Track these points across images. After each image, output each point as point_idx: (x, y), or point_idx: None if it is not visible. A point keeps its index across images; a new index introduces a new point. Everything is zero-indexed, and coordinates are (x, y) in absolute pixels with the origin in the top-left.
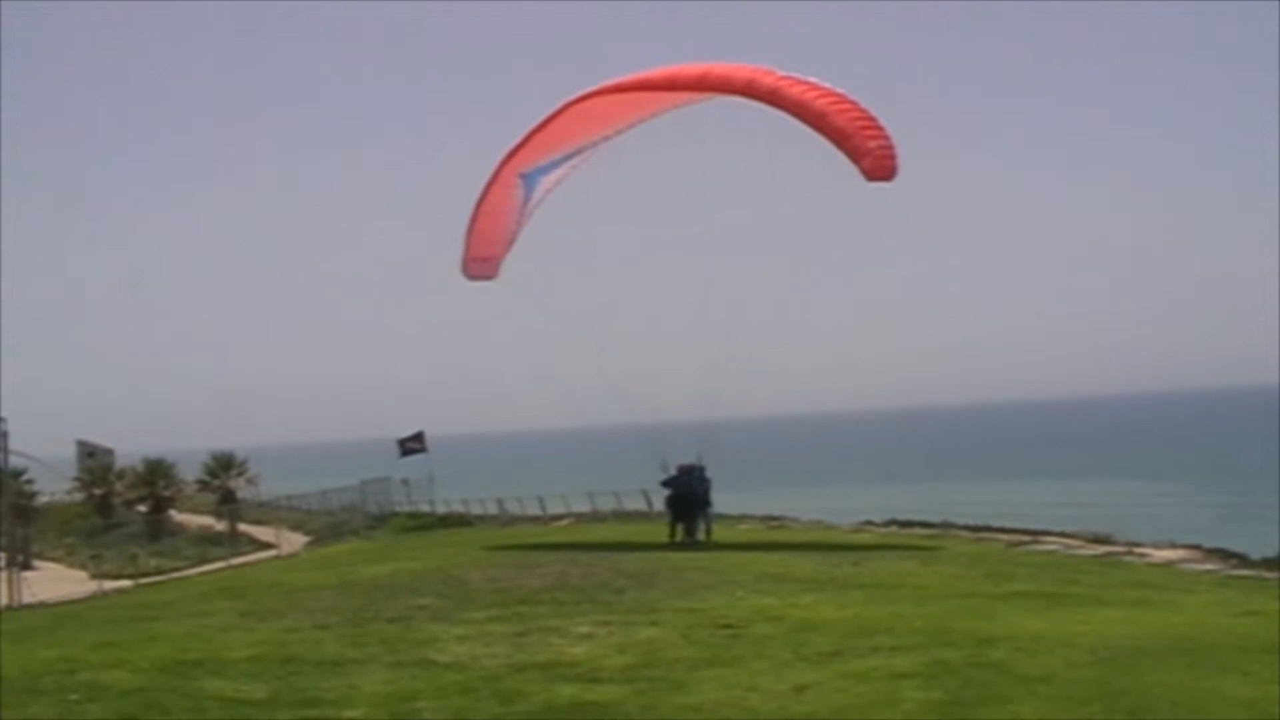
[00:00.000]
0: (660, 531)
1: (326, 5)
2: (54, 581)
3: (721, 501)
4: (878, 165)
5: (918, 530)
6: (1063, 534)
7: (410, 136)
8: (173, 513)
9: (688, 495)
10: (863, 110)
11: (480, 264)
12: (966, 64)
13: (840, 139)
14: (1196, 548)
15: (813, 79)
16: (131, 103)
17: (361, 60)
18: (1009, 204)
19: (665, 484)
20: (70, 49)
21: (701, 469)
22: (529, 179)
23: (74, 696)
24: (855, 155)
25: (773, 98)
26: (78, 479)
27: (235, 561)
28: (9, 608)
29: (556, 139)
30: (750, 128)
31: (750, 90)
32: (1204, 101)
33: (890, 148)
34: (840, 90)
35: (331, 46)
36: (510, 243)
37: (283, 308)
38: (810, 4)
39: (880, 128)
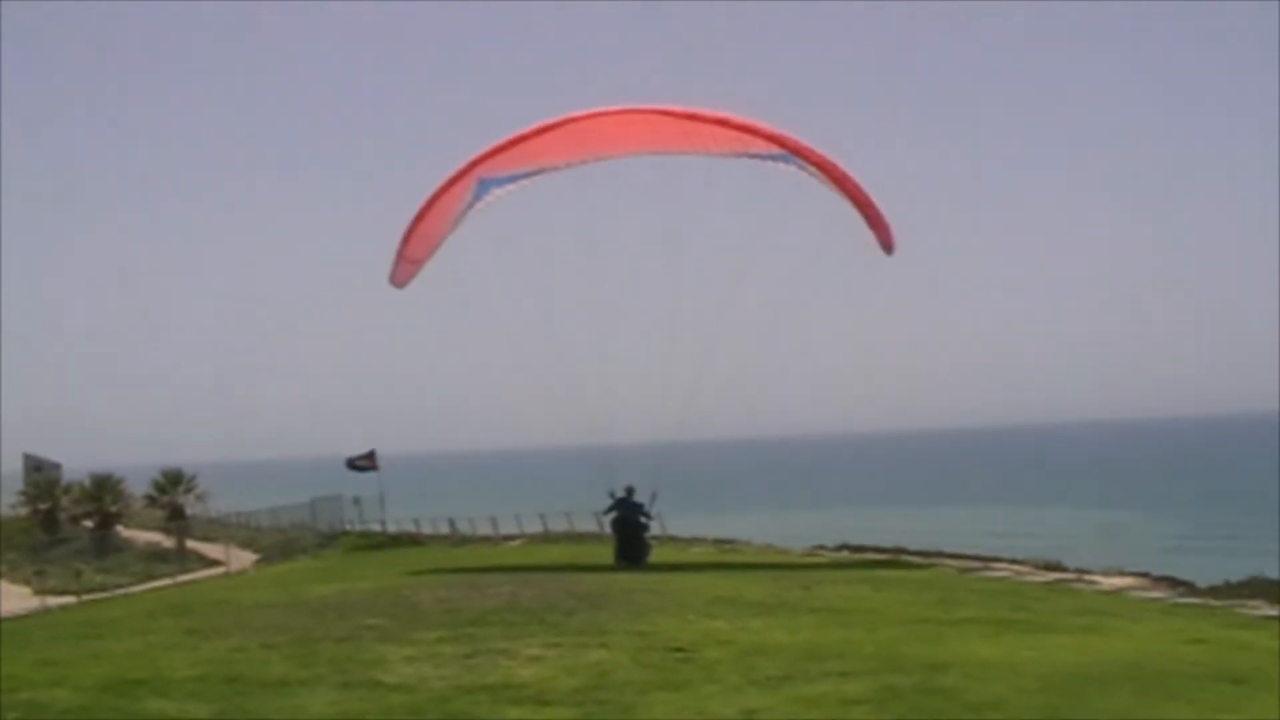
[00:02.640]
0: (611, 553)
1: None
2: None
3: (674, 524)
4: (889, 240)
5: (869, 554)
6: (1013, 560)
7: (362, 159)
8: (120, 529)
9: (622, 520)
10: (864, 188)
11: (409, 265)
12: (970, 82)
13: (859, 207)
14: (1145, 575)
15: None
16: (43, 121)
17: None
18: (995, 229)
19: (609, 510)
20: (61, 47)
21: (630, 494)
22: (484, 185)
23: (12, 716)
24: (872, 226)
25: (798, 155)
26: (23, 493)
27: (182, 579)
28: None
29: (527, 154)
30: (736, 174)
31: (774, 142)
32: (1210, 126)
33: (889, 226)
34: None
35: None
36: (437, 247)
37: (237, 324)
38: (804, 6)
39: (878, 208)
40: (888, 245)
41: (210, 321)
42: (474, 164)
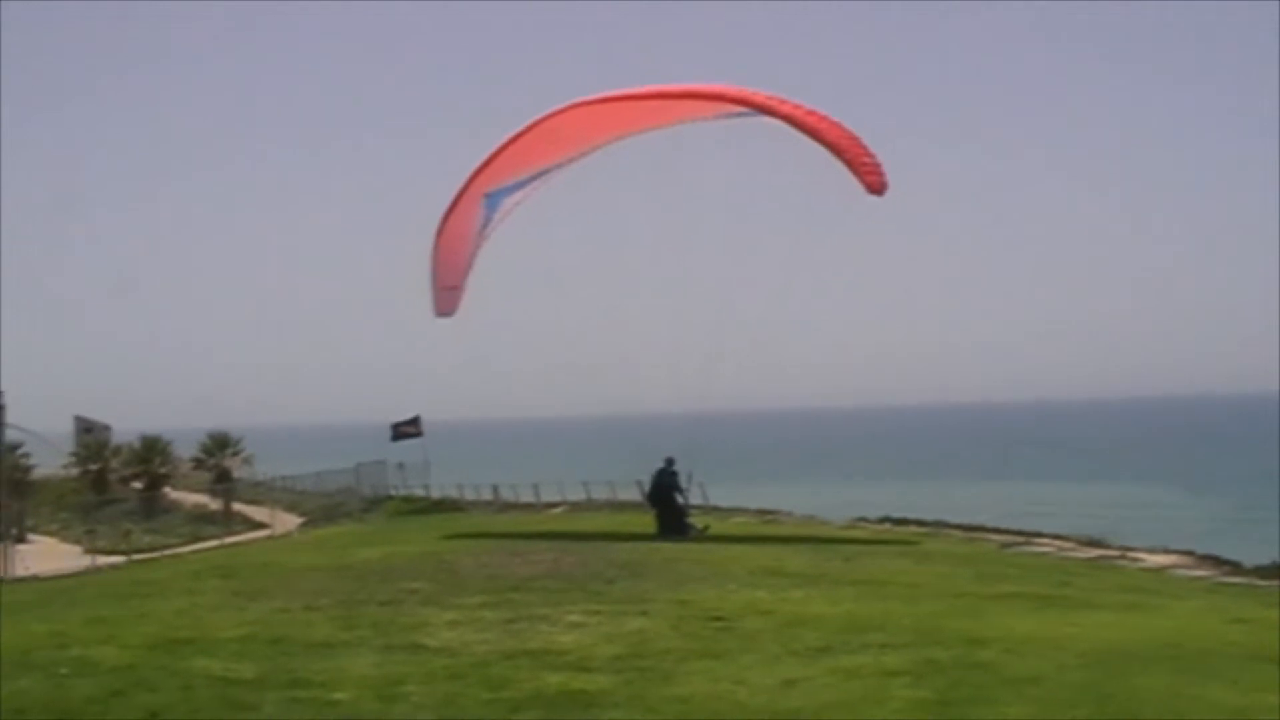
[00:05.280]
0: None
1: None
2: (48, 556)
3: (715, 495)
4: (875, 182)
5: (911, 528)
6: (1056, 536)
7: (410, 122)
8: (168, 490)
9: (656, 491)
10: (846, 129)
11: (446, 295)
12: (971, 61)
13: (836, 152)
14: (1189, 554)
15: (786, 98)
16: (139, 88)
17: (358, 49)
18: (1013, 204)
19: (652, 482)
20: (61, 41)
21: (670, 464)
22: (492, 199)
23: (64, 671)
24: (853, 170)
25: (764, 111)
26: (74, 454)
27: (228, 541)
28: (2, 581)
29: (525, 157)
30: (732, 142)
31: (741, 103)
32: (1217, 106)
33: (879, 165)
34: (819, 111)
35: (326, 38)
36: (468, 269)
37: (285, 290)
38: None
39: (865, 146)
40: (874, 187)
41: (258, 287)
42: (474, 180)
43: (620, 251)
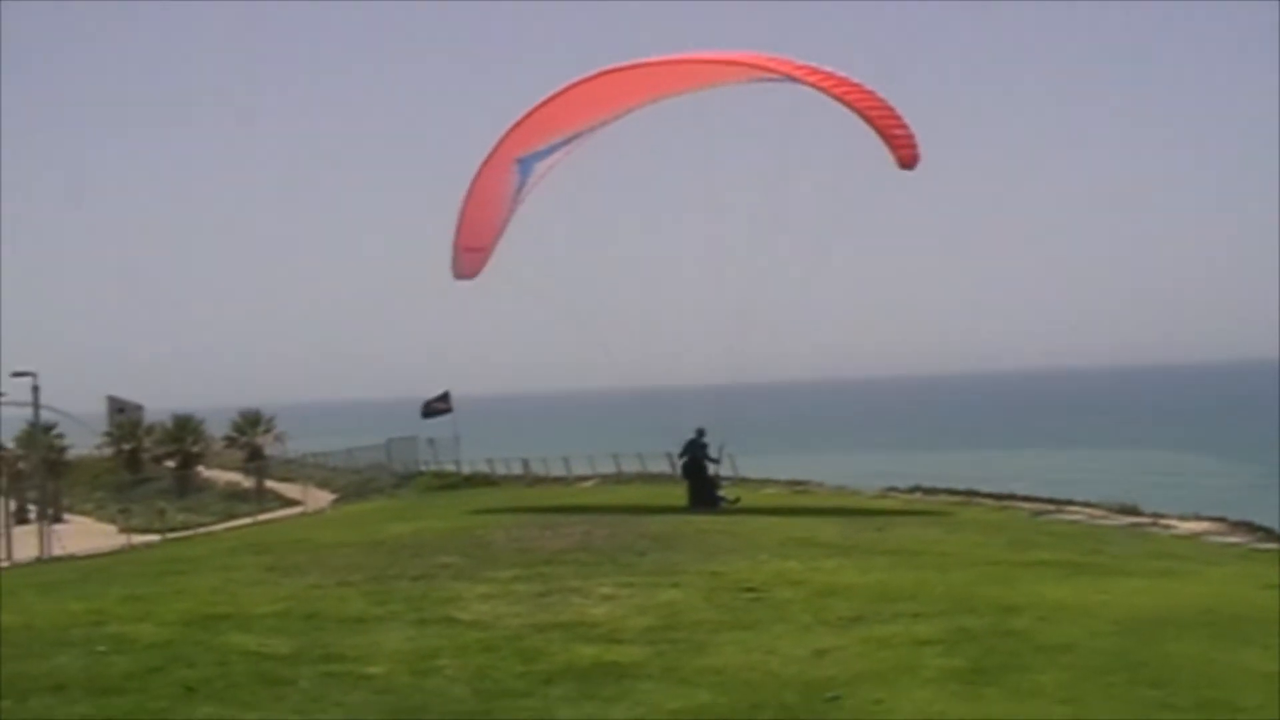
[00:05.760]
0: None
1: None
2: (84, 535)
3: (746, 466)
4: (907, 155)
5: (942, 496)
6: (1087, 504)
7: (437, 96)
8: (201, 469)
9: (689, 463)
10: (880, 99)
11: (471, 255)
12: (982, 35)
13: (868, 122)
14: (1222, 520)
15: (817, 65)
16: (149, 62)
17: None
18: (1037, 170)
19: (681, 454)
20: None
21: (700, 435)
22: (525, 164)
23: (101, 648)
24: (885, 141)
25: (796, 79)
26: (108, 434)
27: (262, 518)
28: (39, 560)
29: (556, 122)
30: (765, 106)
31: (771, 71)
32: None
33: (913, 138)
34: (853, 79)
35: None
36: (499, 235)
37: (315, 268)
38: None
39: (899, 117)
40: (906, 160)
41: (289, 264)
42: (505, 145)
43: (650, 220)
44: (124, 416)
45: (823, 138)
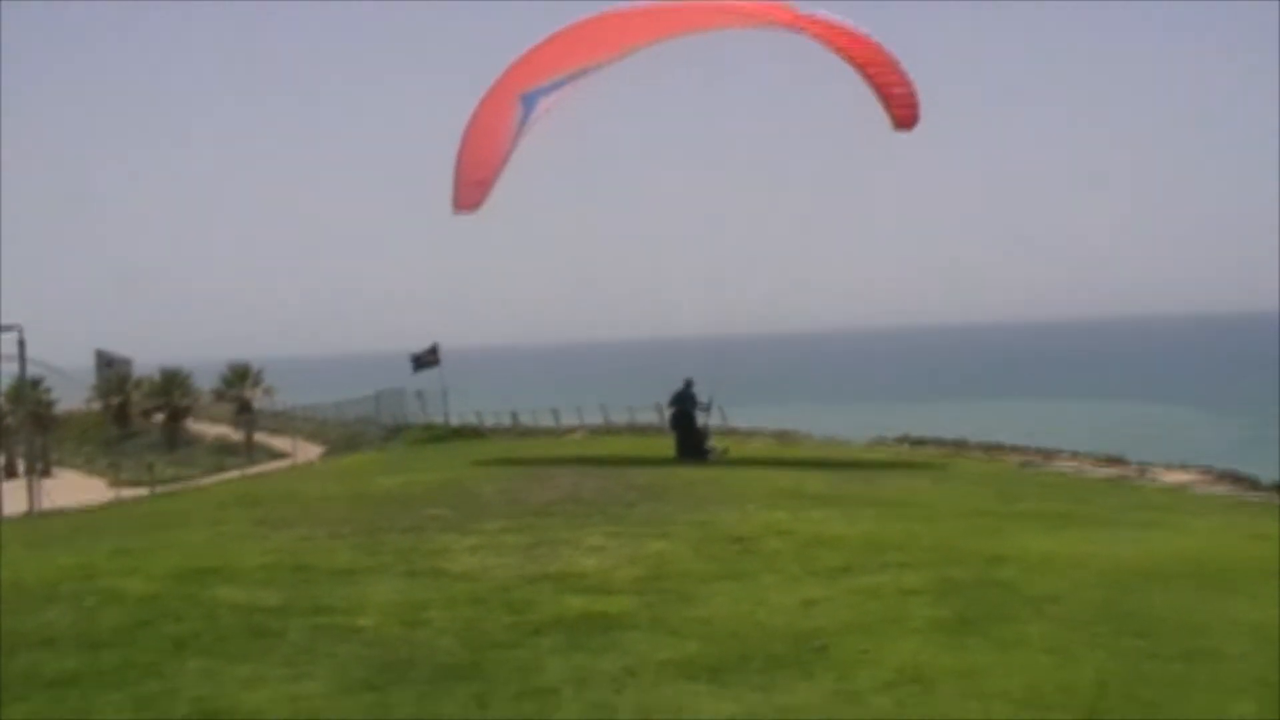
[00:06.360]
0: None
1: None
2: (73, 489)
3: (734, 417)
4: (903, 115)
5: (930, 448)
6: (1074, 455)
7: (418, 47)
8: (189, 422)
9: (677, 414)
10: (884, 54)
11: (471, 189)
12: None
13: (866, 78)
14: (1208, 471)
15: (825, 15)
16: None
17: None
18: (1024, 124)
19: (671, 403)
20: None
21: (688, 387)
22: (528, 100)
23: (90, 602)
24: (883, 100)
25: (797, 29)
26: (96, 389)
27: (251, 471)
28: (28, 514)
29: (561, 58)
30: (767, 55)
31: (777, 21)
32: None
33: (913, 97)
34: (859, 31)
35: None
36: (501, 167)
37: (299, 220)
38: None
39: (903, 74)
40: (902, 121)
41: (276, 220)
42: (508, 79)
43: (645, 167)
44: (112, 371)
45: (825, 89)
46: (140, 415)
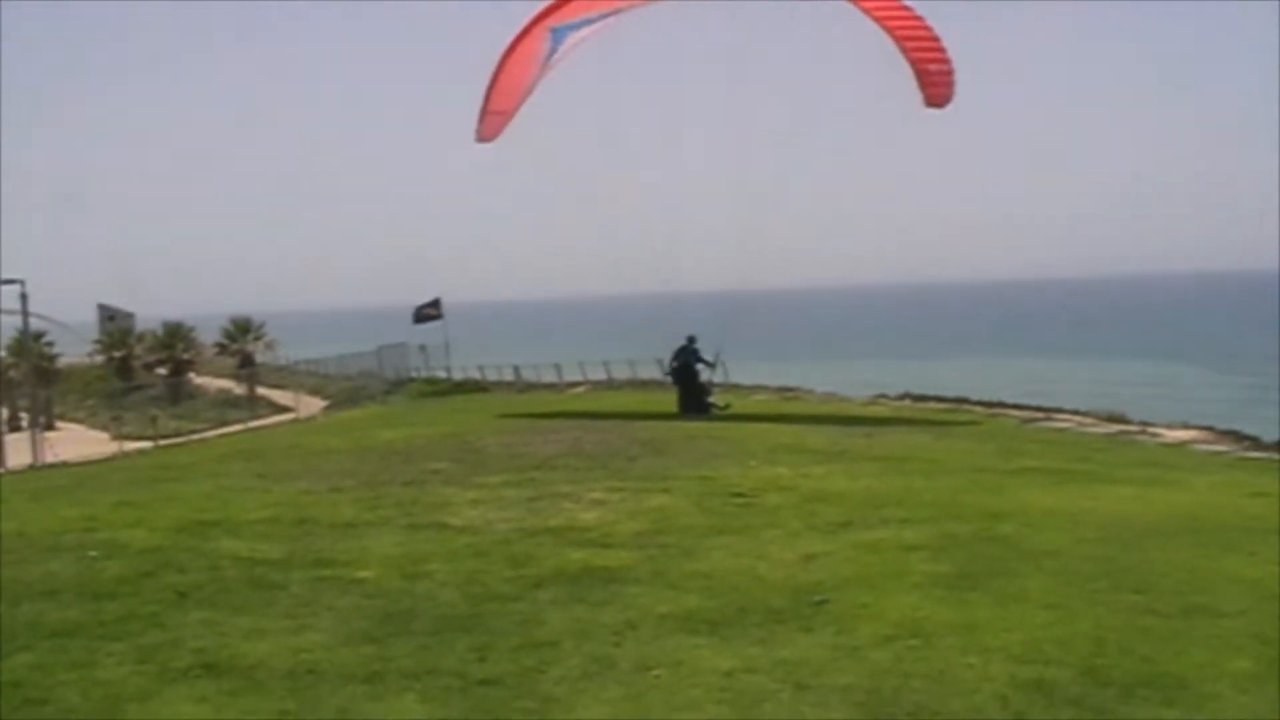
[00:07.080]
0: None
1: None
2: (76, 442)
3: (737, 373)
4: (936, 94)
5: (931, 404)
6: (1076, 412)
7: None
8: (192, 376)
9: (679, 369)
10: (927, 29)
11: (492, 118)
12: None
13: (903, 51)
14: (1209, 429)
15: None
16: None
17: None
18: (1030, 78)
19: (674, 358)
20: None
21: (691, 343)
22: (558, 33)
23: (93, 554)
24: (917, 75)
25: None
26: (98, 342)
27: (253, 424)
28: (32, 467)
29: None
30: (807, 15)
31: None
32: None
33: (949, 74)
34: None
35: None
36: (525, 96)
37: (306, 174)
38: None
39: (943, 51)
40: (934, 99)
41: (279, 171)
42: (544, 14)
43: (667, 116)
44: (115, 324)
45: (858, 52)
46: (143, 369)
